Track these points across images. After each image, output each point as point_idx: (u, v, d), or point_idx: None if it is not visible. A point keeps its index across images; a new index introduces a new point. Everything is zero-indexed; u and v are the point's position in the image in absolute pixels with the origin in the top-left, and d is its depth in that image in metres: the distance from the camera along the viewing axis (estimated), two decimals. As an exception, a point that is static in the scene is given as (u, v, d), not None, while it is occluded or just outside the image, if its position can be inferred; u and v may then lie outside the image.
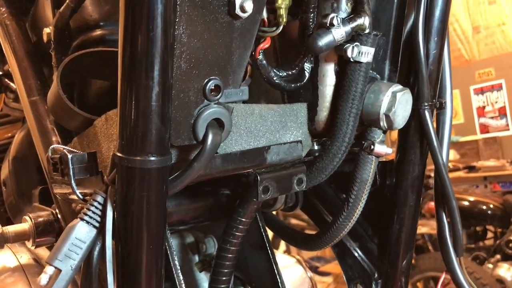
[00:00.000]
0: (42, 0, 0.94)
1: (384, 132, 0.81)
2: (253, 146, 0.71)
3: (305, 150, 0.78)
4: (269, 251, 0.95)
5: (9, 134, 1.22)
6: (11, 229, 0.75)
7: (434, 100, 0.83)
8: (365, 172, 0.81)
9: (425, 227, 4.13)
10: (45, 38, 0.87)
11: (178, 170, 0.60)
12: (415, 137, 0.85)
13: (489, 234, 4.25)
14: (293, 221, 4.26)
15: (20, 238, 0.75)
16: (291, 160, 0.76)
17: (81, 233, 0.55)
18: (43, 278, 0.53)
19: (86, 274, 0.56)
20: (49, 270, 0.54)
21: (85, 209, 0.56)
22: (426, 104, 0.82)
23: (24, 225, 0.76)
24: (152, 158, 0.53)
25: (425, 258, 3.93)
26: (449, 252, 0.85)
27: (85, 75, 0.81)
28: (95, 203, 0.56)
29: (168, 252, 0.82)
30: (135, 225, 0.55)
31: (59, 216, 0.77)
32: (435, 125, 0.86)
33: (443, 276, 0.89)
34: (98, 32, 0.85)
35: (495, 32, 5.51)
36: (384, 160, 0.92)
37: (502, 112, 5.52)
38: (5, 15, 0.98)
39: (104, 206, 0.56)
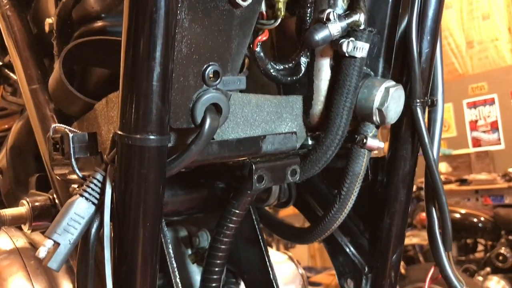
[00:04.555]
0: None
1: (377, 126, 0.83)
2: (249, 134, 0.73)
3: (300, 141, 0.80)
4: (262, 245, 0.96)
5: (6, 126, 1.23)
6: (8, 212, 0.76)
7: (426, 98, 0.85)
8: (358, 166, 0.83)
9: (416, 238, 4.15)
10: (47, 28, 0.89)
11: (175, 154, 0.62)
12: (407, 133, 0.87)
13: (480, 247, 4.28)
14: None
15: (16, 221, 0.76)
16: (286, 150, 0.78)
17: (80, 208, 0.56)
18: (42, 251, 0.54)
19: (83, 250, 0.57)
20: (48, 243, 0.55)
21: (84, 186, 0.57)
22: (418, 101, 0.84)
23: (21, 209, 0.77)
24: (152, 137, 0.55)
25: (416, 269, 3.94)
26: (438, 246, 0.86)
27: (86, 63, 0.83)
28: (95, 181, 0.57)
29: (163, 240, 0.83)
30: (133, 203, 0.56)
31: (56, 201, 0.78)
32: (426, 123, 0.88)
33: (432, 270, 0.91)
34: (99, 23, 0.87)
35: (489, 47, 5.59)
36: (376, 156, 0.94)
37: (494, 127, 5.57)
38: (7, 6, 1.00)
39: (103, 183, 0.57)
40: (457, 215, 4.16)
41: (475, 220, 4.14)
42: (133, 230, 0.57)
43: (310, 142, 0.85)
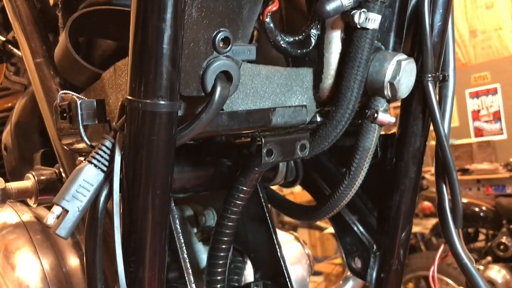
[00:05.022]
0: None
1: (388, 101, 0.81)
2: (258, 106, 0.71)
3: (310, 115, 0.79)
4: (270, 224, 0.95)
5: (9, 104, 1.21)
6: (14, 185, 0.75)
7: (437, 73, 0.84)
8: (368, 141, 0.81)
9: (418, 227, 4.16)
10: (51, 1, 0.87)
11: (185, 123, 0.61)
12: (418, 109, 0.86)
13: (481, 236, 4.28)
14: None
15: (22, 195, 0.75)
16: (296, 124, 0.76)
17: (89, 175, 0.55)
18: (50, 218, 0.53)
19: (92, 219, 0.56)
20: (56, 210, 0.54)
21: (93, 153, 0.56)
22: (430, 75, 0.82)
23: (27, 182, 0.76)
24: (162, 102, 0.53)
25: (417, 257, 3.95)
26: (448, 223, 0.85)
27: (92, 34, 0.81)
28: (103, 148, 0.56)
29: (170, 215, 0.82)
30: (143, 170, 0.55)
31: (62, 174, 0.77)
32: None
33: (442, 247, 0.90)
34: None
35: (492, 36, 5.55)
36: (385, 133, 0.93)
37: (496, 116, 5.55)
38: (11, -19, 0.98)
39: (112, 151, 0.56)
40: (459, 205, 4.14)
41: (476, 209, 4.14)
42: (143, 198, 0.56)
43: (318, 118, 0.84)
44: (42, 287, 0.72)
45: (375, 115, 0.80)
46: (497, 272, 3.76)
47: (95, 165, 0.56)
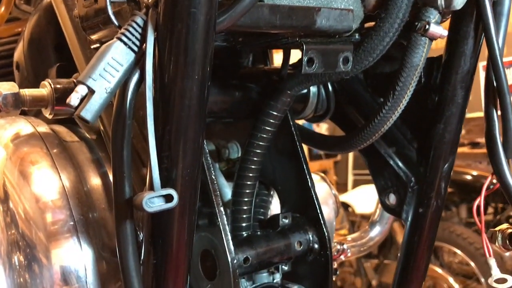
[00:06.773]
0: None
1: (440, 13, 0.74)
2: (302, 4, 0.64)
3: (356, 22, 0.71)
4: (300, 153, 0.89)
5: (20, 29, 1.14)
6: (28, 92, 0.68)
7: (494, -14, 0.76)
8: (417, 56, 0.74)
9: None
10: None
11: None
12: (470, 26, 0.78)
13: (490, 210, 4.22)
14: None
15: (37, 103, 0.68)
16: (341, 30, 0.69)
17: (118, 53, 0.48)
18: (74, 98, 0.46)
19: (120, 106, 0.49)
20: (81, 89, 0.47)
21: (122, 29, 0.49)
22: (486, -13, 0.74)
23: (43, 90, 0.69)
24: (204, -33, 0.46)
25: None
26: (498, 152, 0.78)
27: None
28: (134, 24, 0.49)
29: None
30: (182, 49, 0.48)
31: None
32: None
33: (489, 179, 0.83)
34: None
35: None
36: (430, 56, 0.85)
37: (510, 91, 5.43)
38: None
39: (144, 29, 0.49)
40: (469, 177, 4.10)
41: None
42: (180, 83, 0.49)
43: (358, 38, 0.77)
44: (61, 204, 0.66)
45: (426, 26, 0.72)
46: (505, 246, 3.72)
47: (125, 43, 0.48)
